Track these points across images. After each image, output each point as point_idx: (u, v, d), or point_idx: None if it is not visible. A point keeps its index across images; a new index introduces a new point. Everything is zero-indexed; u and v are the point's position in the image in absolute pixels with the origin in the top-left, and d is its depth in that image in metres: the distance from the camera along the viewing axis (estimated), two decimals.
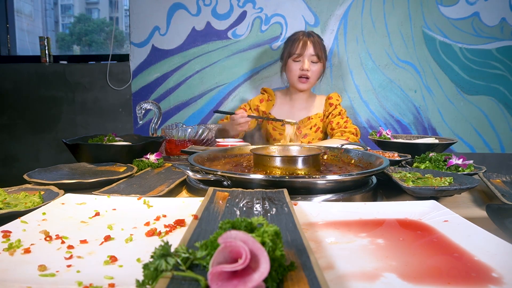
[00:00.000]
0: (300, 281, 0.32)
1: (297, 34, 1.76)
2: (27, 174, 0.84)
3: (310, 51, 1.71)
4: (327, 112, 1.84)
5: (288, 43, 1.78)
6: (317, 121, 1.84)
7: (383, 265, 0.42)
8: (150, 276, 0.33)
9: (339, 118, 1.79)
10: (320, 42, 1.75)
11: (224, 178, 0.73)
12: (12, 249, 0.45)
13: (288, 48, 1.76)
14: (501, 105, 2.15)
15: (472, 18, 2.11)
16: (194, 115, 2.32)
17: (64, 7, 3.35)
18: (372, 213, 0.60)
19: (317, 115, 1.84)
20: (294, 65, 1.74)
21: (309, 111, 1.87)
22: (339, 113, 1.81)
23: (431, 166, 0.96)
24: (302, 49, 1.70)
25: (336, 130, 1.77)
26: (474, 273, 0.39)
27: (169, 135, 1.38)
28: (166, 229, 0.53)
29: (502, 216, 0.58)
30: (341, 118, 1.79)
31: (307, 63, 1.72)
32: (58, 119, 2.44)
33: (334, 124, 1.78)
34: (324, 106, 1.86)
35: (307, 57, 1.72)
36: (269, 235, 0.34)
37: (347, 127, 1.75)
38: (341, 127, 1.76)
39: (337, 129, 1.76)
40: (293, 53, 1.72)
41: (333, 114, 1.81)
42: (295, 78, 1.76)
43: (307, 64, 1.71)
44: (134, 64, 2.31)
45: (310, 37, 1.72)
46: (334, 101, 1.83)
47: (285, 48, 1.79)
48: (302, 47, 1.70)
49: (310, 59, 1.72)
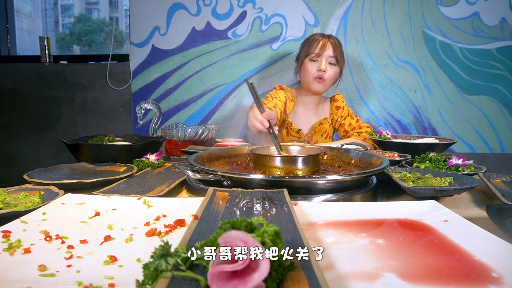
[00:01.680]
0: (300, 281, 0.32)
1: (316, 35, 1.70)
2: (27, 174, 0.84)
3: (329, 52, 1.64)
4: (335, 116, 1.78)
5: (306, 43, 1.71)
6: (326, 126, 1.78)
7: (383, 265, 0.42)
8: (150, 276, 0.33)
9: (349, 119, 1.75)
10: (339, 46, 1.69)
11: (224, 178, 0.73)
12: (12, 249, 0.45)
13: (305, 48, 1.69)
14: (501, 105, 2.15)
15: (472, 18, 2.11)
16: (194, 115, 2.32)
17: (64, 7, 3.35)
18: (372, 213, 0.60)
19: (326, 120, 1.78)
20: (311, 65, 1.67)
21: (319, 115, 1.81)
22: (348, 114, 1.77)
23: (431, 166, 0.96)
24: (321, 49, 1.64)
25: (350, 132, 1.73)
26: (474, 273, 0.39)
27: (169, 135, 1.38)
28: (166, 229, 0.53)
29: (502, 216, 0.58)
30: (351, 118, 1.75)
31: (325, 64, 1.64)
32: (58, 119, 2.44)
33: (347, 126, 1.74)
34: (330, 109, 1.81)
35: (325, 57, 1.64)
36: (269, 235, 0.34)
37: (361, 127, 1.71)
38: (355, 128, 1.72)
39: (351, 130, 1.73)
40: (311, 52, 1.65)
41: (342, 116, 1.77)
42: (311, 78, 1.67)
43: (325, 64, 1.64)
44: (134, 64, 2.31)
45: (330, 38, 1.67)
46: (340, 103, 1.79)
47: (302, 49, 1.72)
48: (322, 47, 1.64)
49: (328, 60, 1.65)
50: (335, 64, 1.66)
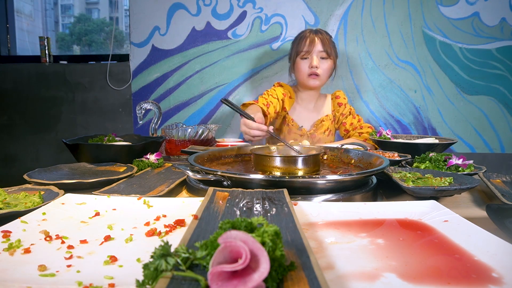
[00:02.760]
0: (300, 281, 0.32)
1: (304, 32, 1.69)
2: (27, 174, 0.84)
3: (318, 47, 1.63)
4: (337, 113, 1.77)
5: (295, 42, 1.71)
6: (328, 123, 1.77)
7: (383, 265, 0.42)
8: (150, 276, 0.33)
9: (351, 118, 1.74)
10: (329, 39, 1.67)
11: (224, 178, 0.73)
12: (12, 249, 0.45)
13: (295, 47, 1.69)
14: (501, 105, 2.15)
15: (472, 18, 2.11)
16: (194, 115, 2.32)
17: (64, 7, 3.35)
18: (372, 213, 0.60)
19: (328, 117, 1.77)
20: (303, 63, 1.67)
21: (320, 112, 1.80)
22: (350, 112, 1.75)
23: (431, 166, 0.96)
24: (309, 46, 1.63)
25: (351, 132, 1.72)
26: (474, 273, 0.39)
27: (169, 135, 1.38)
28: (166, 229, 0.53)
29: (502, 216, 0.58)
30: (353, 118, 1.74)
31: (316, 60, 1.64)
32: (58, 119, 2.44)
33: (348, 125, 1.73)
34: (332, 106, 1.80)
35: (316, 53, 1.64)
36: (269, 235, 0.34)
37: (362, 127, 1.70)
38: (356, 128, 1.70)
39: (352, 130, 1.71)
40: (301, 50, 1.65)
41: (344, 114, 1.75)
42: (305, 76, 1.67)
43: (316, 60, 1.64)
44: (134, 64, 2.31)
45: (317, 33, 1.66)
46: (342, 100, 1.77)
47: (292, 48, 1.72)
48: (310, 44, 1.63)
49: (319, 55, 1.64)
50: (326, 57, 1.66)
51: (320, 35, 1.65)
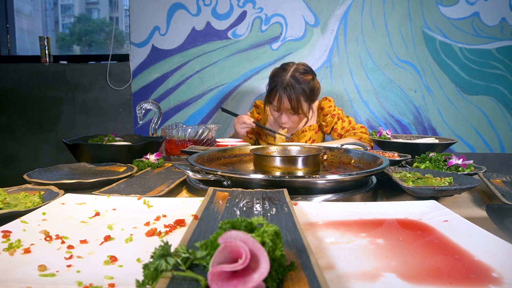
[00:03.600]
0: (300, 281, 0.32)
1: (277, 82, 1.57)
2: (27, 174, 0.84)
3: (286, 105, 1.57)
4: (323, 122, 1.71)
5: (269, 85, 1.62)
6: (311, 134, 1.71)
7: (383, 265, 0.42)
8: (150, 276, 0.33)
9: (341, 122, 1.68)
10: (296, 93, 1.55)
11: (224, 178, 0.73)
12: (12, 249, 0.45)
13: (267, 95, 1.63)
14: (501, 105, 2.15)
15: (472, 18, 2.11)
16: (194, 115, 2.32)
17: (64, 7, 3.35)
18: (372, 213, 0.60)
19: (311, 127, 1.72)
20: (274, 113, 1.65)
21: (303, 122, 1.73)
22: (338, 117, 1.69)
23: (431, 166, 0.96)
24: (278, 103, 1.57)
25: (344, 134, 1.67)
26: (474, 273, 0.39)
27: (169, 135, 1.38)
28: (166, 229, 0.53)
29: (502, 216, 0.58)
30: (343, 121, 1.68)
31: (285, 117, 1.61)
32: (58, 119, 2.44)
33: (339, 130, 1.68)
34: (318, 117, 1.74)
35: (285, 110, 1.59)
36: (269, 235, 0.34)
37: (355, 127, 1.66)
38: (349, 130, 1.66)
39: (345, 133, 1.67)
40: (272, 103, 1.61)
41: (331, 121, 1.69)
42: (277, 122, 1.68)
43: (285, 117, 1.61)
44: (134, 64, 2.31)
45: (286, 90, 1.54)
46: (327, 110, 1.71)
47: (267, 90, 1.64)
48: (278, 101, 1.57)
49: (287, 112, 1.60)
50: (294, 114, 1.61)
51: (288, 93, 1.55)
